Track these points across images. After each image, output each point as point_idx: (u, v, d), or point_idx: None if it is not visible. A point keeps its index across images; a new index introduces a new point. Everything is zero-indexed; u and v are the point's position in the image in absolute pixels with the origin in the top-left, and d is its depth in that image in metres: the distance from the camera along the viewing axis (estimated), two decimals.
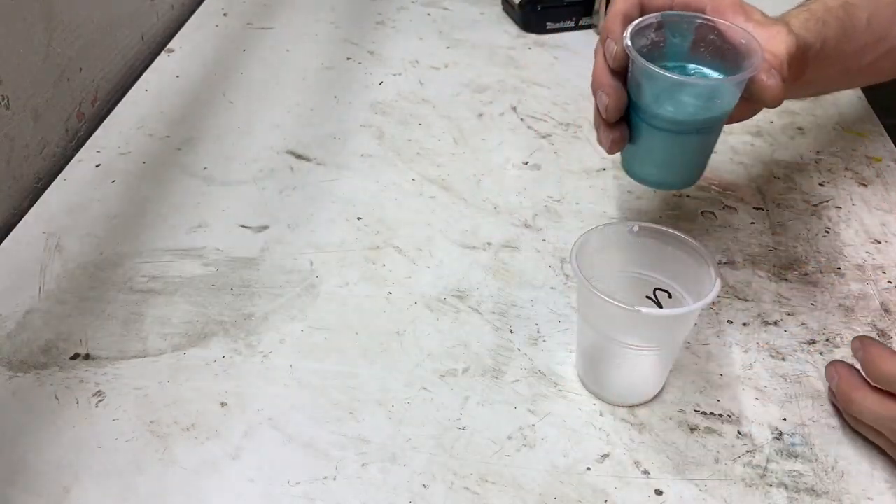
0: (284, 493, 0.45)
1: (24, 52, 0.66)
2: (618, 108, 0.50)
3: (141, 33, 0.87)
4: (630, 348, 0.47)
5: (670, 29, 0.50)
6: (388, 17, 0.95)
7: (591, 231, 0.49)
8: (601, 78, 0.51)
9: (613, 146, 0.52)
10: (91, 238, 0.62)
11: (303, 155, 0.72)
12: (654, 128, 0.50)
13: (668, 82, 0.48)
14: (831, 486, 0.46)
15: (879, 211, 0.65)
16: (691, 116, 0.49)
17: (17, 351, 0.53)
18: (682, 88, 0.48)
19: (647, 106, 0.49)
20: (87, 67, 0.77)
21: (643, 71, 0.48)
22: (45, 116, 0.70)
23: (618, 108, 0.50)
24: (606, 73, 0.51)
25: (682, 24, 0.50)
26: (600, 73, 0.51)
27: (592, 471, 0.46)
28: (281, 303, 0.57)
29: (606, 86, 0.50)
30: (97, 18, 0.78)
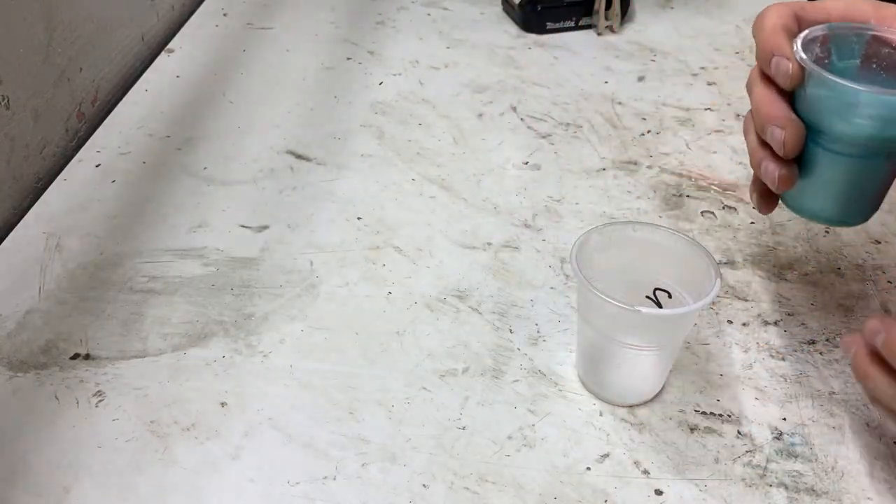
0: (284, 493, 0.45)
1: (24, 52, 0.66)
2: (798, 141, 0.44)
3: (141, 33, 0.87)
4: (630, 348, 0.47)
5: (836, 44, 0.44)
6: (388, 17, 0.95)
7: (590, 231, 0.49)
8: (771, 109, 0.44)
9: (784, 184, 0.45)
10: (91, 238, 0.62)
11: (303, 155, 0.72)
12: (835, 153, 0.44)
13: (857, 96, 0.41)
14: (831, 486, 0.46)
15: (879, 211, 0.65)
16: (883, 134, 0.42)
17: (17, 351, 0.53)
18: (875, 102, 0.41)
19: (830, 127, 0.43)
20: (87, 67, 0.77)
21: (826, 83, 0.41)
22: (45, 116, 0.70)
23: (798, 141, 0.44)
24: (776, 100, 0.44)
25: (850, 37, 0.44)
26: (768, 104, 0.44)
27: (592, 471, 0.46)
28: (281, 303, 0.57)
29: (780, 118, 0.43)
30: (97, 18, 0.78)
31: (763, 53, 0.45)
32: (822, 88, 0.42)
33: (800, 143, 0.44)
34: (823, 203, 0.46)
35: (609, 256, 0.50)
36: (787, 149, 0.44)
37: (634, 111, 0.78)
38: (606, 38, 0.92)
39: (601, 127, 0.76)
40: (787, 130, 0.44)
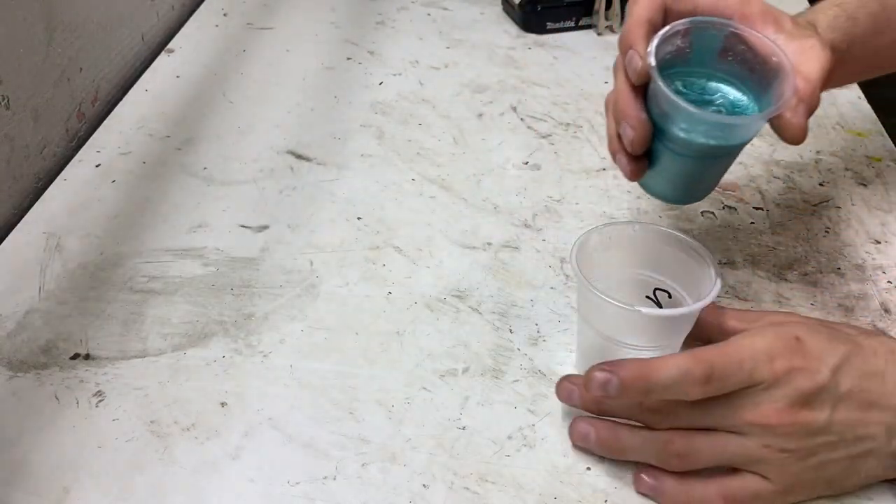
0: (284, 493, 0.45)
1: (24, 52, 0.66)
2: (645, 142, 0.47)
3: (141, 33, 0.87)
4: (630, 348, 0.47)
5: (697, 35, 0.47)
6: (388, 17, 0.95)
7: (590, 231, 0.49)
8: (626, 107, 0.47)
9: (635, 175, 0.49)
10: (91, 238, 0.62)
11: (303, 155, 0.72)
12: (672, 152, 0.47)
13: (683, 111, 0.45)
14: None
15: (879, 211, 0.65)
16: (713, 145, 0.46)
17: (17, 351, 0.53)
18: (697, 118, 0.45)
19: (668, 130, 0.46)
20: (87, 67, 0.77)
21: (661, 93, 0.45)
22: (45, 116, 0.70)
23: (645, 142, 0.47)
24: (631, 98, 0.46)
25: (712, 30, 0.47)
26: (625, 100, 0.47)
27: (592, 471, 0.46)
28: (281, 303, 0.57)
29: (632, 118, 0.46)
30: (97, 18, 0.78)
31: (623, 44, 0.47)
32: (660, 95, 0.45)
33: (646, 144, 0.47)
34: (664, 188, 0.50)
35: (609, 256, 0.50)
36: (635, 147, 0.47)
37: None
38: (606, 37, 0.92)
39: (601, 127, 0.76)
40: (637, 132, 0.46)
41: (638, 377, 0.43)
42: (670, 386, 0.42)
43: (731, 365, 0.42)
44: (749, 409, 0.42)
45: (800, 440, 0.42)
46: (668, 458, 0.44)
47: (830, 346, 0.43)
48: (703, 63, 0.48)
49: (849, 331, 0.45)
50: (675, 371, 0.42)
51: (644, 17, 0.46)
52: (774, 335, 0.43)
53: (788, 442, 0.42)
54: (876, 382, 0.43)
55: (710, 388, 0.42)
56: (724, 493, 0.43)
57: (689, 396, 0.42)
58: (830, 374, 0.42)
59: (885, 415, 0.42)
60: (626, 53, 0.46)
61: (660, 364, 0.42)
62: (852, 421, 0.42)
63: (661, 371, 0.42)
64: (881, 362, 0.43)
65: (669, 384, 0.42)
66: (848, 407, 0.42)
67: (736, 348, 0.42)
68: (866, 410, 0.42)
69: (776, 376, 0.41)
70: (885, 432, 0.43)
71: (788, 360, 0.41)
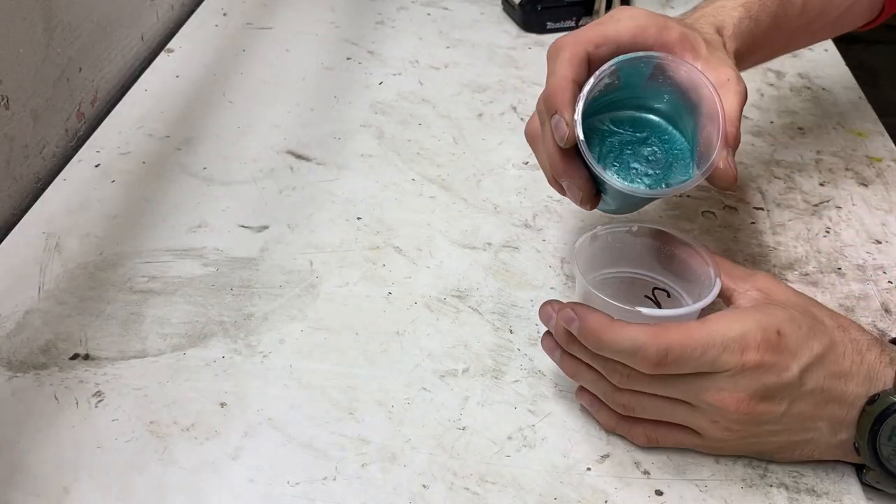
0: (284, 493, 0.45)
1: (23, 52, 0.66)
2: (592, 196, 0.49)
3: (141, 33, 0.87)
4: None
5: (625, 70, 0.48)
6: (388, 17, 0.95)
7: (590, 232, 0.49)
8: (564, 169, 0.48)
9: (590, 207, 0.50)
10: (91, 238, 0.62)
11: (303, 155, 0.72)
12: (616, 195, 0.49)
13: (622, 192, 0.47)
14: (831, 486, 0.46)
15: (880, 211, 0.65)
16: (628, 204, 0.51)
17: (17, 351, 0.53)
18: (637, 195, 0.48)
19: (607, 187, 0.48)
20: (87, 67, 0.76)
21: (599, 173, 0.47)
22: (44, 116, 0.70)
23: (592, 196, 0.49)
24: (566, 161, 0.48)
25: (638, 64, 0.48)
26: (560, 163, 0.48)
27: (593, 471, 0.46)
28: (281, 303, 0.57)
29: (575, 177, 0.48)
30: (97, 18, 0.78)
31: (547, 107, 0.48)
32: (592, 166, 0.47)
33: (593, 196, 0.49)
34: (607, 208, 0.52)
35: (609, 257, 0.50)
36: (585, 204, 0.49)
37: None
38: None
39: None
40: (584, 191, 0.48)
41: (594, 331, 0.43)
42: (620, 353, 0.43)
43: (692, 351, 0.42)
44: (709, 391, 0.42)
45: (749, 426, 0.43)
46: (613, 402, 0.46)
47: (807, 344, 0.43)
48: (633, 90, 0.49)
49: (828, 322, 0.45)
50: (629, 343, 0.42)
51: (568, 77, 0.47)
52: (756, 324, 0.42)
53: (737, 425, 0.43)
54: (839, 383, 0.43)
55: (662, 369, 0.42)
56: (650, 434, 0.46)
57: (640, 369, 0.43)
58: (799, 374, 0.42)
59: (836, 410, 0.43)
60: (552, 119, 0.47)
61: (618, 329, 0.42)
62: (805, 415, 0.43)
63: (615, 335, 0.42)
64: (847, 363, 0.43)
65: (619, 351, 0.42)
66: (805, 403, 0.43)
67: (705, 334, 0.42)
68: (821, 407, 0.43)
69: (744, 367, 0.42)
70: (829, 426, 0.44)
71: (761, 354, 0.42)
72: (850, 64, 0.85)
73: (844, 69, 0.85)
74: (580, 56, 0.47)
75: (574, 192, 0.49)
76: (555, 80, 0.47)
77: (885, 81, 2.21)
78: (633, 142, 0.49)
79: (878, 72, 2.19)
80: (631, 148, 0.49)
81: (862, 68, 0.92)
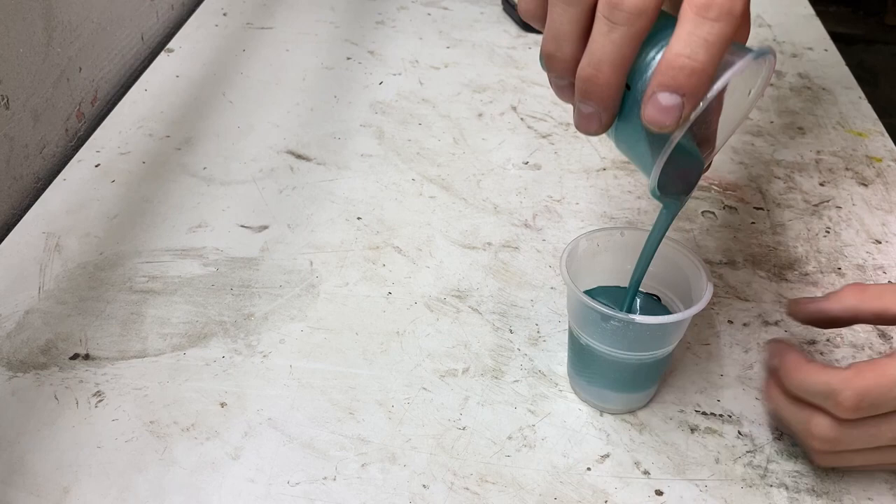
0: (284, 493, 0.45)
1: (23, 52, 0.66)
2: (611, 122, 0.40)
3: (141, 33, 0.87)
4: (621, 353, 0.47)
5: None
6: (388, 17, 0.95)
7: (579, 237, 0.49)
8: (609, 80, 0.37)
9: (595, 131, 0.40)
10: (91, 238, 0.62)
11: (303, 155, 0.72)
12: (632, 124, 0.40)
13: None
14: (832, 486, 0.46)
15: (880, 211, 0.65)
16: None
17: (17, 351, 0.53)
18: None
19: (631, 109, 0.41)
20: (87, 67, 0.76)
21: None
22: (44, 116, 0.70)
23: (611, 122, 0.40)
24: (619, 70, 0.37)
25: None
26: (611, 69, 0.37)
27: (593, 471, 0.46)
28: (281, 303, 0.57)
29: (613, 94, 0.38)
30: (97, 18, 0.78)
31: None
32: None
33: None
34: (622, 140, 0.42)
35: (598, 262, 0.50)
36: (596, 127, 0.40)
37: None
38: None
39: None
40: (611, 113, 0.39)
41: (788, 369, 0.42)
42: (812, 395, 0.42)
43: (889, 390, 0.40)
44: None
45: None
46: (807, 442, 0.44)
47: None
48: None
49: None
50: (822, 387, 0.41)
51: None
52: None
53: None
54: None
55: (860, 413, 0.41)
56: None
57: (837, 413, 0.41)
58: None
59: None
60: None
61: (810, 370, 0.42)
62: None
63: (807, 377, 0.42)
64: None
65: (811, 393, 0.42)
66: None
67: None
68: None
69: None
70: None
71: None
72: (850, 64, 0.85)
73: (844, 69, 0.85)
74: None
75: (595, 107, 0.38)
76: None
77: (885, 81, 2.21)
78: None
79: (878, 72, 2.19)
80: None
81: (862, 68, 0.92)
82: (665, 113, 0.36)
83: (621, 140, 0.41)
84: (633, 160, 0.43)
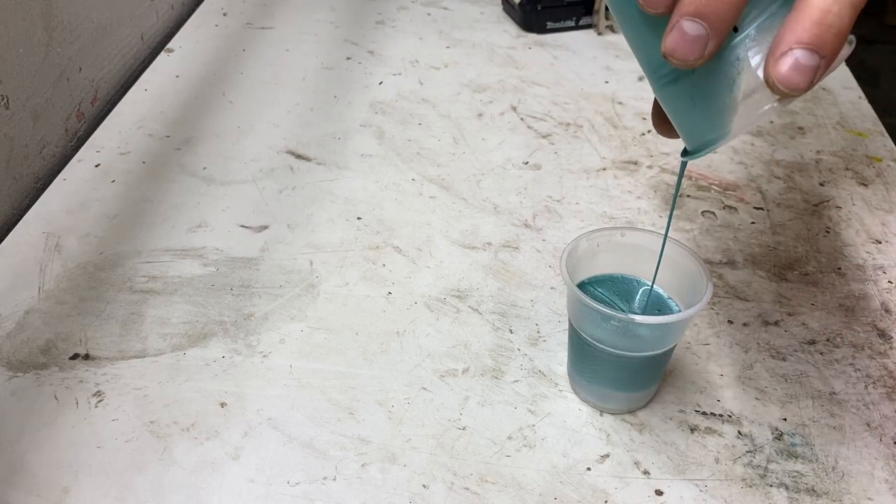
0: (284, 493, 0.45)
1: (23, 52, 0.66)
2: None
3: (141, 33, 0.87)
4: (621, 352, 0.47)
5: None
6: (388, 17, 0.95)
7: (579, 237, 0.49)
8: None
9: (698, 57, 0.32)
10: (91, 238, 0.62)
11: (303, 155, 0.72)
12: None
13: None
14: (832, 486, 0.46)
15: (880, 211, 0.65)
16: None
17: (17, 351, 0.53)
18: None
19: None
20: (87, 67, 0.76)
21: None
22: (44, 116, 0.70)
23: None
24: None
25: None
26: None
27: (593, 471, 0.46)
28: (281, 303, 0.57)
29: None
30: (97, 18, 0.78)
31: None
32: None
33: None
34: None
35: (598, 262, 0.50)
36: (703, 52, 0.33)
37: (635, 111, 0.78)
38: (607, 37, 0.92)
39: (601, 127, 0.76)
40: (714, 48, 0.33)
41: None
42: None
43: None
44: None
45: None
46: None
47: None
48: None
49: None
50: None
51: None
52: None
53: None
54: None
55: None
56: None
57: None
58: None
59: None
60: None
61: None
62: None
63: None
64: None
65: None
66: None
67: None
68: None
69: None
70: None
71: None
72: (850, 64, 0.85)
73: (844, 69, 0.85)
74: None
75: (706, 28, 0.31)
76: None
77: (885, 81, 2.21)
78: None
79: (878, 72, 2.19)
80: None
81: (862, 68, 0.92)
82: (802, 73, 0.30)
83: (691, 86, 0.35)
84: (690, 113, 0.36)
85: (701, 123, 0.36)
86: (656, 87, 0.37)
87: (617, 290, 0.49)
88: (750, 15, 0.32)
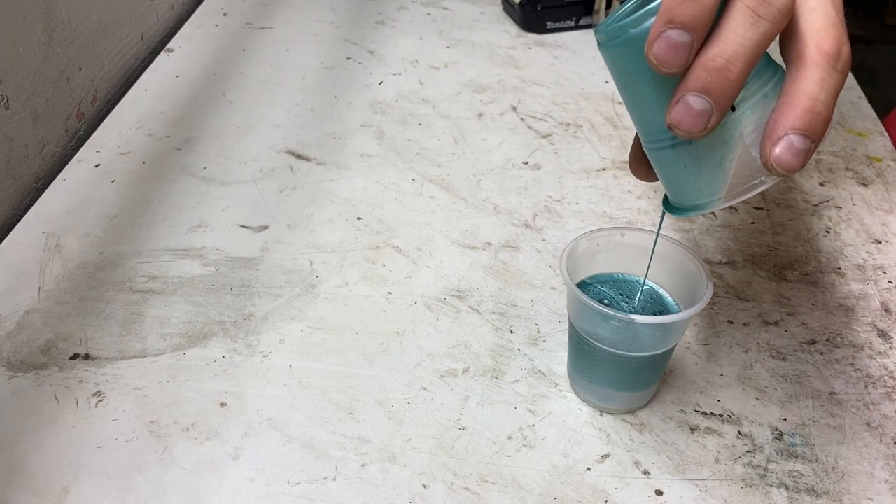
0: (284, 493, 0.45)
1: (23, 52, 0.66)
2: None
3: (141, 33, 0.87)
4: (621, 352, 0.47)
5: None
6: (388, 17, 0.95)
7: (579, 237, 0.49)
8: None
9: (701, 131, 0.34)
10: (91, 238, 0.62)
11: (303, 155, 0.72)
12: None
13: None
14: (831, 486, 0.46)
15: (880, 211, 0.65)
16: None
17: (17, 351, 0.53)
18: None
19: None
20: (87, 67, 0.76)
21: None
22: (44, 116, 0.70)
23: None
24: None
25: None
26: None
27: (593, 471, 0.46)
28: (281, 303, 0.57)
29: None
30: (97, 18, 0.78)
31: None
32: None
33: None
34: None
35: (598, 262, 0.50)
36: (706, 125, 0.34)
37: None
38: None
39: (601, 127, 0.76)
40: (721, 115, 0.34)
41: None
42: None
43: None
44: None
45: None
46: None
47: None
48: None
49: None
50: None
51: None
52: None
53: None
54: None
55: None
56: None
57: None
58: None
59: None
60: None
61: None
62: None
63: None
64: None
65: None
66: None
67: None
68: None
69: None
70: None
71: None
72: (851, 64, 0.85)
73: None
74: None
75: (711, 104, 0.34)
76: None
77: (885, 81, 2.21)
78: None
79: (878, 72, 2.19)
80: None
81: (862, 68, 0.92)
82: (797, 156, 0.33)
83: (686, 154, 0.37)
84: (681, 176, 0.38)
85: (690, 187, 0.38)
86: (650, 150, 0.38)
87: (617, 290, 0.49)
88: (745, 94, 0.35)
